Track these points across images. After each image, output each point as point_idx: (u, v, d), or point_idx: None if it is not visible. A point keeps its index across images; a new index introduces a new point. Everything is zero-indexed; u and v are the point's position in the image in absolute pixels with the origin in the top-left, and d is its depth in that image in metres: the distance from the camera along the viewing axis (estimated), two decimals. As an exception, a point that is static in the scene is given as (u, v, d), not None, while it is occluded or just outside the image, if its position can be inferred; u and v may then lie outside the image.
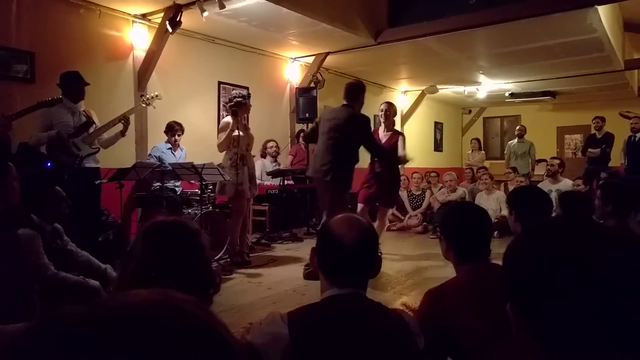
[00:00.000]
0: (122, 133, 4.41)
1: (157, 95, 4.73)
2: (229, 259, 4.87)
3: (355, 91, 4.52)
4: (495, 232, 5.96)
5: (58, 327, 0.37)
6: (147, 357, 0.36)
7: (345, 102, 4.50)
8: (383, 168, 5.05)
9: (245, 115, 5.04)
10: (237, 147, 4.80)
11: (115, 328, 0.37)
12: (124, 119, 4.31)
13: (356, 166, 4.54)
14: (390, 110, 5.28)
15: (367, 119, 4.51)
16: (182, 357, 0.37)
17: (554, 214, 2.62)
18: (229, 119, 4.85)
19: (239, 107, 4.82)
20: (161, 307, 0.40)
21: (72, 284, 2.80)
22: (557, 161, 6.61)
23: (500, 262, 1.83)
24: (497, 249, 1.96)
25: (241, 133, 4.80)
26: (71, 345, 0.36)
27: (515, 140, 9.06)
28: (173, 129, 5.36)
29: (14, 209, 2.10)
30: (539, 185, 6.26)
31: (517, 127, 9.35)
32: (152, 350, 0.36)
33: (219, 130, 4.97)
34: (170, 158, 5.25)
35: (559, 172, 6.48)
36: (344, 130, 4.35)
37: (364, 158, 4.87)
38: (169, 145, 5.38)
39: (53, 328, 0.37)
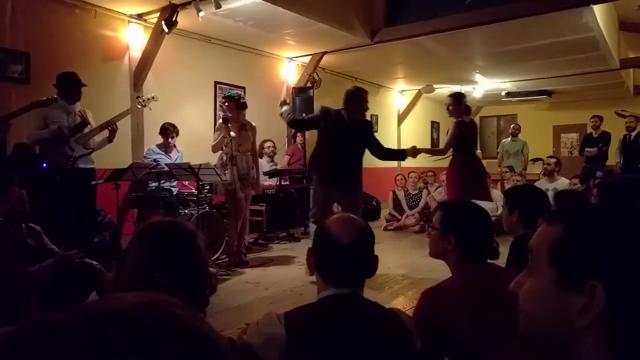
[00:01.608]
0: (109, 140, 4.32)
1: (153, 97, 4.71)
2: (226, 259, 4.87)
3: (345, 97, 4.34)
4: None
5: (41, 333, 0.37)
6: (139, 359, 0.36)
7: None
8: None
9: (244, 112, 5.02)
10: (227, 146, 4.80)
11: (99, 332, 0.36)
12: (111, 125, 4.20)
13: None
14: (450, 102, 4.83)
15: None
16: (169, 359, 0.37)
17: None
18: None
19: (226, 112, 4.89)
20: (147, 310, 0.39)
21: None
22: (554, 160, 6.63)
23: (496, 261, 1.83)
24: (494, 248, 1.97)
25: (233, 134, 4.79)
26: (54, 350, 0.35)
27: (509, 139, 9.07)
28: (167, 132, 5.31)
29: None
30: (536, 184, 6.28)
31: (512, 126, 9.34)
32: (138, 353, 0.36)
33: (215, 130, 4.98)
34: (164, 161, 5.22)
35: (555, 171, 6.49)
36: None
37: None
38: (163, 149, 5.34)
39: (36, 334, 0.37)
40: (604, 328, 0.60)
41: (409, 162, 5.72)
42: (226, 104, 4.91)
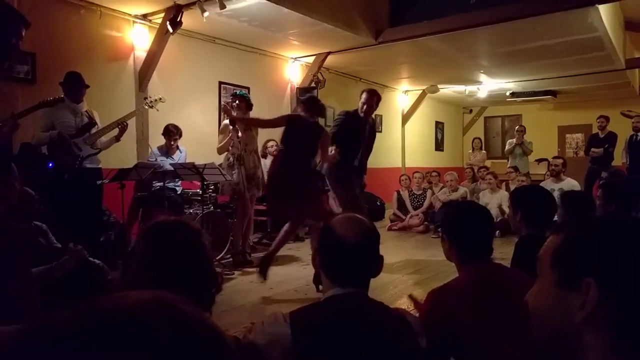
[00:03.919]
0: (117, 138, 4.34)
1: (160, 99, 4.72)
2: (231, 259, 4.88)
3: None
4: (497, 232, 5.96)
5: (49, 331, 0.37)
6: (145, 357, 0.36)
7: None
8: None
9: (249, 113, 5.02)
10: (234, 147, 4.80)
11: (106, 329, 0.37)
12: (121, 124, 4.24)
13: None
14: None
15: None
16: (178, 355, 0.37)
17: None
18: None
19: (233, 110, 4.89)
20: (153, 307, 0.40)
21: None
22: (561, 161, 6.59)
23: (502, 262, 1.83)
24: (500, 249, 1.96)
25: (240, 134, 4.79)
26: (62, 348, 0.36)
27: (515, 139, 8.99)
28: (170, 134, 5.28)
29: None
30: (541, 184, 6.25)
31: (517, 128, 9.25)
32: (146, 349, 0.36)
33: (220, 132, 4.98)
34: (166, 163, 5.18)
35: (562, 171, 6.46)
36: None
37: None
38: (164, 151, 5.31)
39: (43, 332, 0.37)
40: (604, 327, 0.65)
41: (413, 163, 5.69)
42: (237, 102, 4.87)
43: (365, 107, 4.51)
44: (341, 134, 4.41)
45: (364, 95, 4.56)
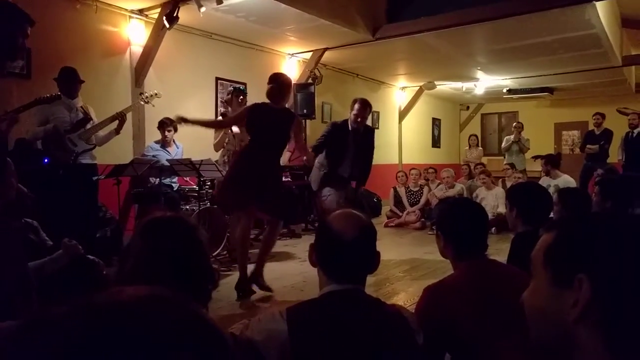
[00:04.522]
0: (117, 131, 4.33)
1: (156, 94, 4.70)
2: (227, 255, 4.87)
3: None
4: (493, 229, 5.98)
5: (44, 326, 0.37)
6: (142, 351, 0.36)
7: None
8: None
9: None
10: (230, 143, 4.80)
11: (101, 324, 0.36)
12: (120, 116, 4.25)
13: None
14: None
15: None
16: (175, 351, 0.37)
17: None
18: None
19: (230, 104, 4.89)
20: (148, 301, 0.40)
21: None
22: (543, 160, 6.61)
23: (497, 258, 1.84)
24: (495, 245, 1.97)
25: (236, 130, 4.78)
26: (57, 343, 0.36)
27: (512, 136, 9.03)
28: (164, 125, 5.26)
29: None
30: (540, 181, 6.25)
31: (514, 125, 9.28)
32: (142, 343, 0.36)
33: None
34: (163, 157, 5.18)
35: (550, 169, 6.47)
36: None
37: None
38: (161, 144, 5.31)
39: (38, 327, 0.37)
40: (598, 324, 0.66)
41: (410, 159, 5.70)
42: (240, 97, 4.87)
43: (358, 119, 4.51)
44: (325, 145, 4.50)
45: (356, 106, 4.50)
